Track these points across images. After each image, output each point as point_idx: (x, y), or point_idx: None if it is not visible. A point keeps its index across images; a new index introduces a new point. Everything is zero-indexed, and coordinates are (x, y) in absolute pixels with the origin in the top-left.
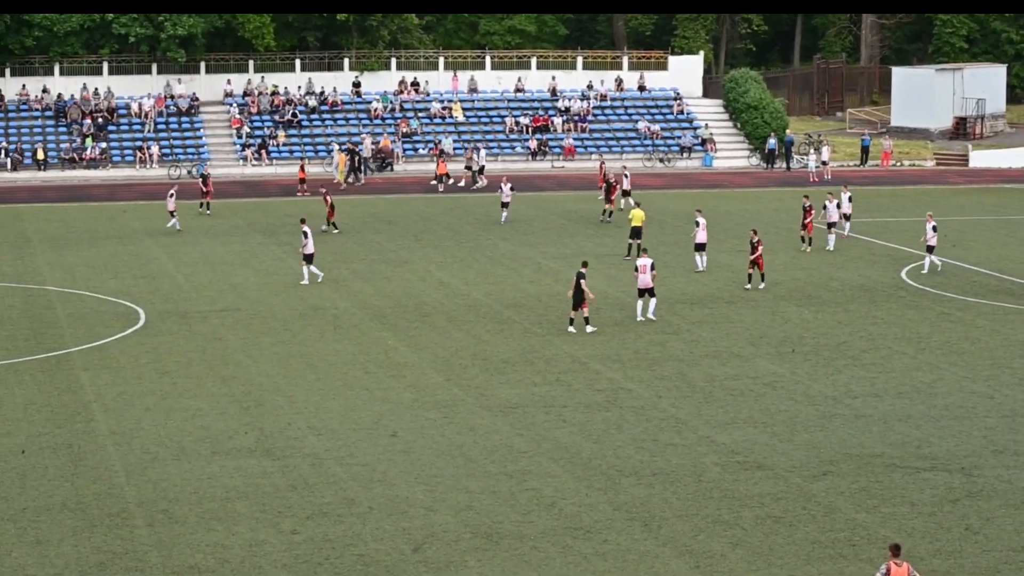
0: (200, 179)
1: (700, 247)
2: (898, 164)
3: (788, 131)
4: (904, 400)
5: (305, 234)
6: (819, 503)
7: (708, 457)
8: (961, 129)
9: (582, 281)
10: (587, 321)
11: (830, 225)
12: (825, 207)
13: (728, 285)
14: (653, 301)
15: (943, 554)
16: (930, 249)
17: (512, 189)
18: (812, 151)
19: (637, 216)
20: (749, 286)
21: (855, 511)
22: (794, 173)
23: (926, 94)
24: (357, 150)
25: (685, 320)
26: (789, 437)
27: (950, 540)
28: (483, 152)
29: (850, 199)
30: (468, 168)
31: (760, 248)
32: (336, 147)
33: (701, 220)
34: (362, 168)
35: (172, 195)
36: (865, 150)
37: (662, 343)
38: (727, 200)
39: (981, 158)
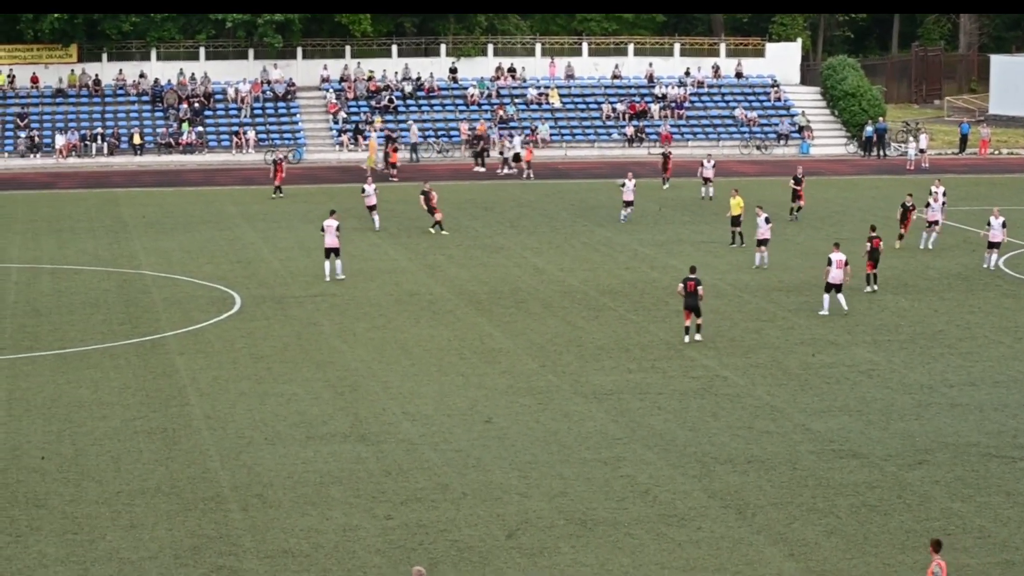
0: (272, 164)
1: (762, 242)
2: (996, 153)
3: (880, 119)
4: (1000, 389)
5: (324, 228)
6: (914, 492)
7: (803, 445)
8: None
9: (699, 288)
10: (698, 329)
11: (931, 223)
12: (928, 204)
13: (823, 273)
14: (841, 297)
15: None
16: (994, 246)
17: (635, 185)
18: (911, 139)
19: (736, 204)
20: (868, 288)
21: (950, 500)
22: (891, 161)
23: None
24: (395, 136)
25: (780, 307)
26: (884, 425)
27: None
28: (517, 139)
29: (944, 194)
30: (501, 155)
31: (878, 247)
32: (373, 134)
33: (763, 215)
34: (411, 153)
35: (364, 191)
36: (964, 138)
37: (757, 330)
38: (824, 187)
39: None
